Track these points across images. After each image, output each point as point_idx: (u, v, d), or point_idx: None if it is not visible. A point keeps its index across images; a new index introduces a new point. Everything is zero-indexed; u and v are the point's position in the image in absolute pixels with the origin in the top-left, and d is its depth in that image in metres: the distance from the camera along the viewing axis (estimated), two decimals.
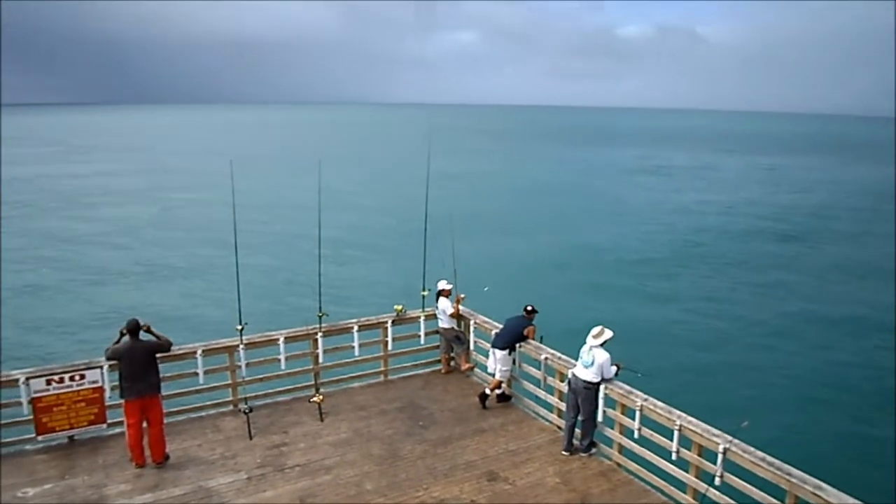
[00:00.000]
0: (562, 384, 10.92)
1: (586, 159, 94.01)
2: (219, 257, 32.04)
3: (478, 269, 26.24)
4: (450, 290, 13.13)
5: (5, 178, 62.44)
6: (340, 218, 41.44)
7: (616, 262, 34.49)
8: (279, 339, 11.90)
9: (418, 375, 13.54)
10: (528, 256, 35.02)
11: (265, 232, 38.82)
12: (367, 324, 12.92)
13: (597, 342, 10.09)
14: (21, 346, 21.80)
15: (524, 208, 50.37)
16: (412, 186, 43.14)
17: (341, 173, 65.60)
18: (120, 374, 9.91)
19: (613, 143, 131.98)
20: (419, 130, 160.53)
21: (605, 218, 46.75)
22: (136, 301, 26.93)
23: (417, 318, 13.29)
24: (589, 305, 25.29)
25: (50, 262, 33.34)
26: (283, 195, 53.42)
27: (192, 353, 11.26)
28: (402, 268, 28.47)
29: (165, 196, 55.98)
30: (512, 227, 42.63)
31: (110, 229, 42.05)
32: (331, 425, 11.28)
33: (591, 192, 59.91)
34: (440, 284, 13.18)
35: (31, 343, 22.29)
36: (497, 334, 12.15)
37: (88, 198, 54.54)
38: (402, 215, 41.25)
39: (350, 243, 36.50)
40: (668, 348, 22.32)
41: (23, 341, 22.40)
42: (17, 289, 28.61)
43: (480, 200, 52.10)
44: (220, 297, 25.42)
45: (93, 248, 36.70)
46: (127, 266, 33.00)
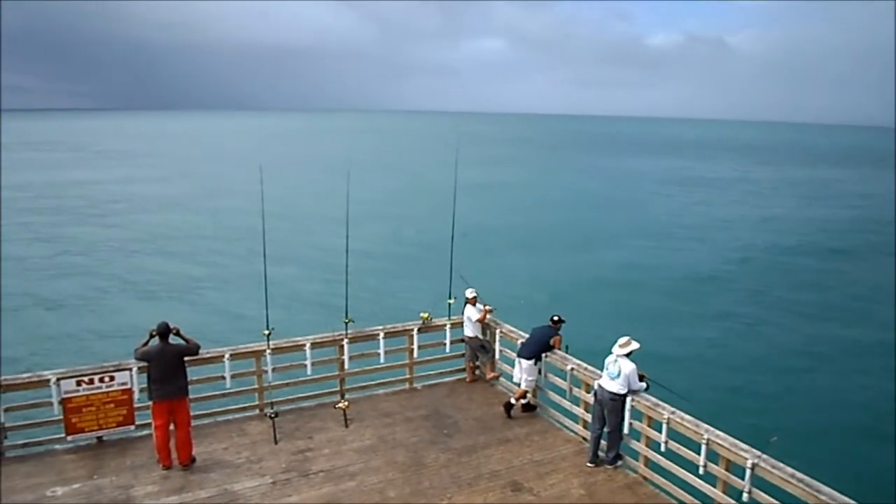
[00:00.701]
0: (588, 395, 10.85)
1: (616, 169, 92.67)
2: (247, 263, 32.29)
3: (504, 279, 26.24)
4: (476, 297, 13.12)
5: (34, 184, 63.57)
6: (367, 225, 41.55)
7: (645, 273, 34.06)
8: (305, 344, 11.96)
9: (443, 383, 13.53)
10: (555, 266, 34.81)
11: (292, 238, 39.05)
12: (393, 331, 12.94)
13: (623, 352, 10.02)
14: (52, 347, 22.14)
15: (552, 218, 49.83)
16: (439, 195, 43.06)
17: (368, 181, 65.82)
18: (148, 377, 10.01)
19: (643, 153, 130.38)
20: (445, 138, 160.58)
21: (635, 230, 46.05)
22: (163, 305, 27.26)
23: (443, 326, 13.29)
24: (616, 316, 25.08)
25: (79, 267, 33.79)
26: (309, 202, 53.76)
27: (219, 356, 11.37)
28: (428, 276, 28.50)
29: (192, 202, 56.54)
30: (539, 237, 42.35)
31: (138, 235, 42.54)
32: (355, 432, 11.31)
33: (621, 203, 59.06)
34: (467, 292, 13.18)
35: (62, 345, 22.62)
36: (523, 344, 12.12)
37: (115, 204, 55.23)
38: (429, 223, 41.35)
39: (377, 251, 36.55)
40: (698, 363, 22.08)
41: (53, 343, 22.75)
42: (46, 292, 29.05)
43: (509, 210, 51.92)
44: (248, 302, 25.61)
45: (121, 254, 37.15)
46: (155, 270, 33.39)
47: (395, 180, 71.52)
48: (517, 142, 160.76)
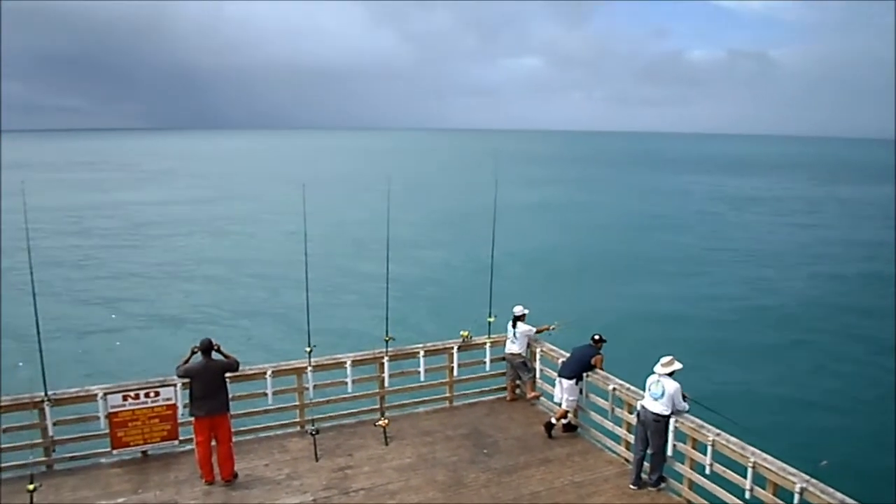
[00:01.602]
0: (630, 416, 10.70)
1: (659, 188, 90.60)
2: (289, 280, 32.64)
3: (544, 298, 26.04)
4: (525, 315, 13.06)
5: (84, 204, 65.24)
6: (408, 244, 41.73)
7: (691, 293, 33.43)
8: (346, 362, 12.01)
9: (483, 402, 13.46)
10: (597, 286, 34.38)
11: (334, 256, 39.37)
12: (433, 349, 12.94)
13: (665, 371, 9.86)
14: (99, 362, 22.60)
15: (594, 239, 49.00)
16: (479, 214, 43.12)
17: (408, 199, 66.10)
18: (191, 393, 10.16)
19: (686, 171, 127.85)
20: (484, 157, 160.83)
21: (680, 250, 45.22)
22: (205, 322, 27.64)
23: (483, 344, 13.23)
24: (658, 336, 24.65)
25: (122, 287, 34.44)
26: (351, 221, 54.09)
27: (261, 373, 11.48)
28: (468, 295, 28.47)
29: (234, 222, 57.43)
30: (581, 258, 41.79)
31: (182, 255, 43.30)
32: (395, 450, 11.30)
33: (665, 224, 57.35)
34: (516, 309, 13.12)
35: (108, 360, 23.07)
36: (564, 363, 12.01)
37: (160, 225, 56.31)
38: (469, 243, 41.38)
39: (417, 269, 36.63)
40: (745, 385, 21.63)
41: (101, 358, 23.21)
42: (92, 310, 29.69)
43: (550, 231, 51.39)
44: (290, 320, 25.84)
45: (165, 272, 37.80)
46: (199, 287, 33.93)
47: (434, 199, 71.74)
48: (556, 160, 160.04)
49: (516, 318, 13.08)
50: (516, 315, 13.09)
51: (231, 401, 10.48)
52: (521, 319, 13.06)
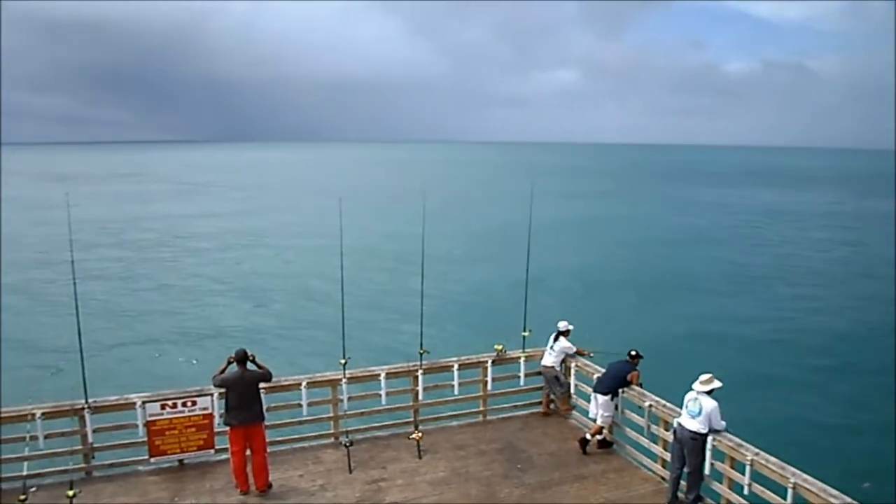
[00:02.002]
0: (667, 433, 10.55)
1: (698, 201, 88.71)
2: (324, 293, 32.88)
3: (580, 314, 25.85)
4: (569, 332, 13.00)
5: (125, 216, 66.54)
6: (443, 256, 41.81)
7: (731, 311, 32.78)
8: (380, 374, 12.05)
9: (517, 417, 13.38)
10: (633, 303, 33.94)
11: (369, 269, 39.55)
12: (467, 363, 12.92)
13: (704, 389, 9.71)
14: (138, 371, 22.97)
15: (633, 255, 48.00)
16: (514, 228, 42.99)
17: (443, 212, 66.27)
18: (226, 402, 10.27)
19: (724, 184, 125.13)
20: (520, 169, 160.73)
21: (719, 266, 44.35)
22: (243, 332, 27.98)
23: (518, 358, 13.16)
24: (695, 352, 24.39)
25: (163, 296, 35.06)
26: (386, 233, 54.36)
27: (297, 384, 11.56)
28: (502, 308, 28.40)
29: (271, 232, 58.12)
30: (618, 274, 41.26)
31: (220, 267, 43.95)
32: (429, 463, 11.28)
33: (706, 239, 55.92)
34: (561, 324, 13.06)
35: (147, 369, 23.45)
36: (599, 378, 11.91)
37: (199, 239, 57.21)
38: (504, 257, 41.25)
39: (451, 282, 36.65)
40: (785, 403, 21.20)
41: (139, 368, 23.59)
42: (132, 320, 30.23)
43: (587, 246, 50.90)
44: (325, 332, 25.98)
45: (203, 281, 38.40)
46: (235, 299, 34.36)
47: (469, 213, 71.68)
48: (591, 173, 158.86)
49: (559, 333, 13.01)
50: (560, 330, 13.02)
51: (266, 411, 10.58)
52: (565, 335, 12.99)
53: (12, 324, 28.50)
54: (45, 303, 32.03)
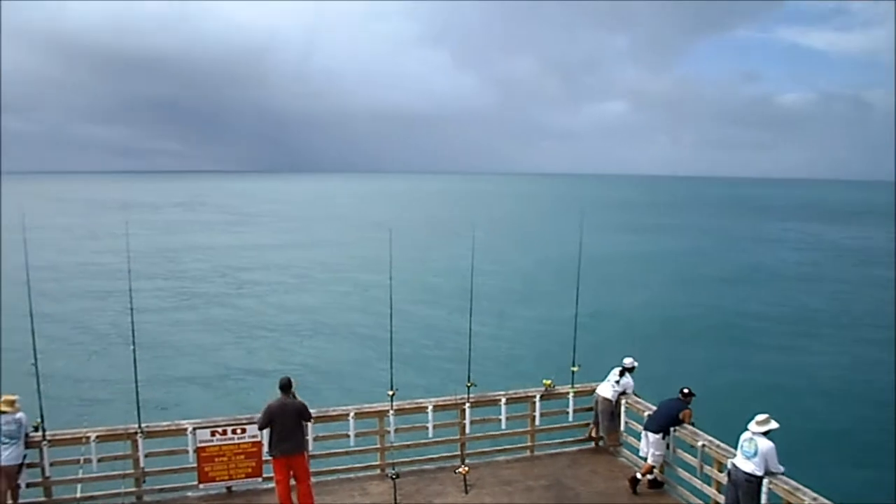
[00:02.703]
0: (720, 474, 10.24)
1: (753, 234, 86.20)
2: (373, 323, 32.99)
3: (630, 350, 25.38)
4: (634, 368, 12.86)
5: (178, 246, 68.05)
6: (492, 289, 41.65)
7: (790, 351, 31.59)
8: (428, 406, 12.01)
9: (565, 453, 13.15)
10: (683, 335, 33.34)
11: (418, 300, 39.60)
12: (515, 397, 12.79)
13: (760, 430, 9.42)
14: (189, 398, 23.33)
15: (686, 292, 46.95)
16: (564, 261, 42.58)
17: (493, 244, 66.25)
18: (270, 433, 10.34)
19: (783, 217, 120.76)
20: (569, 201, 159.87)
21: (779, 306, 42.69)
22: (292, 361, 28.24)
23: (566, 393, 12.99)
24: (751, 391, 23.66)
25: (214, 325, 35.62)
26: (436, 264, 54.48)
27: (345, 415, 11.59)
28: (551, 342, 28.10)
29: (321, 263, 58.78)
30: (668, 306, 40.54)
31: (272, 293, 44.59)
32: (475, 498, 11.14)
33: (765, 277, 54.01)
34: (627, 361, 12.91)
35: (197, 396, 23.80)
36: (650, 416, 11.67)
37: (251, 264, 58.21)
38: (554, 290, 41.01)
39: (500, 316, 36.42)
40: (845, 447, 20.41)
41: (191, 394, 23.97)
42: (184, 348, 30.77)
43: (637, 279, 50.12)
44: (373, 363, 26.04)
45: (253, 312, 38.91)
46: (285, 328, 34.70)
47: (518, 245, 71.40)
48: (642, 206, 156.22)
49: (625, 369, 12.87)
50: (626, 366, 12.88)
51: (314, 440, 10.62)
52: (630, 372, 12.86)
53: (70, 348, 29.27)
54: (103, 329, 32.86)
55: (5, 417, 10.04)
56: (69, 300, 39.38)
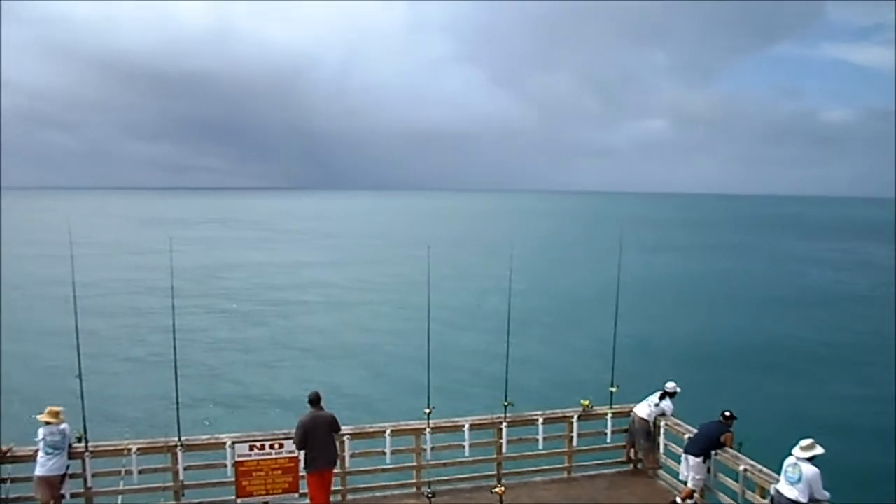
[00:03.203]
0: (763, 500, 10.01)
1: (798, 254, 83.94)
2: (410, 340, 32.96)
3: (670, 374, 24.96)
4: (676, 394, 12.73)
5: (219, 263, 68.96)
6: (529, 308, 41.35)
7: (841, 375, 30.69)
8: (465, 425, 11.96)
9: (603, 475, 12.98)
10: (726, 356, 32.60)
11: (455, 318, 39.50)
12: (553, 417, 12.67)
13: (805, 455, 9.19)
14: (229, 413, 23.55)
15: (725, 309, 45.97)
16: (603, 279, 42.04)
17: (531, 261, 65.93)
18: (305, 446, 10.45)
19: (827, 236, 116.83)
20: (607, 219, 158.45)
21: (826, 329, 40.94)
22: (330, 376, 28.35)
23: (604, 414, 12.84)
24: (795, 415, 23.07)
25: (252, 341, 35.96)
26: (473, 281, 54.35)
27: (381, 432, 11.59)
28: (589, 362, 27.87)
29: (361, 280, 59.08)
30: (710, 329, 39.57)
31: (310, 310, 44.94)
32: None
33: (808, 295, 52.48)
34: (669, 385, 12.81)
35: (237, 411, 24.00)
36: (691, 439, 11.46)
37: (291, 281, 58.79)
38: (593, 310, 40.61)
39: (538, 333, 36.18)
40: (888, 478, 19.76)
41: (231, 409, 24.18)
42: (223, 364, 31.10)
43: (678, 300, 49.23)
44: (410, 381, 25.96)
45: (290, 328, 39.20)
46: (322, 345, 34.86)
47: (557, 262, 70.98)
48: (683, 224, 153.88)
49: (665, 393, 12.75)
50: (668, 391, 12.77)
51: (351, 457, 10.64)
52: (671, 396, 12.73)
53: (112, 363, 29.79)
54: (145, 344, 33.37)
55: (49, 428, 10.29)
56: (112, 315, 40.07)
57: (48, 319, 36.44)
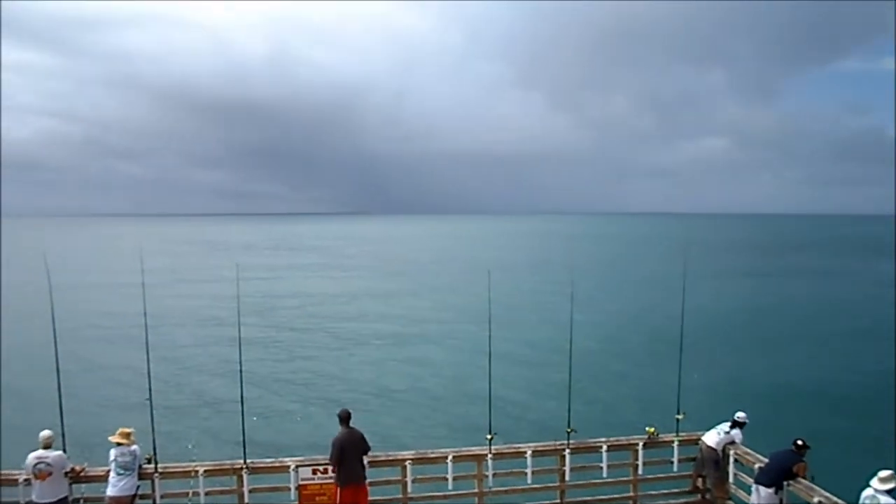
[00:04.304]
0: None
1: (882, 279, 77.72)
2: (472, 365, 32.90)
3: (737, 399, 24.22)
4: (746, 424, 12.44)
5: (287, 288, 69.99)
6: (590, 331, 40.86)
7: None
8: (527, 451, 11.83)
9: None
10: (799, 381, 31.46)
11: (517, 342, 39.24)
12: (617, 444, 12.44)
13: (883, 487, 8.81)
14: (293, 437, 23.79)
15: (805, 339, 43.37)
16: (667, 301, 41.07)
17: (593, 284, 65.10)
18: (338, 462, 10.68)
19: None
20: (669, 241, 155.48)
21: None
22: (389, 401, 28.46)
23: (671, 442, 12.54)
24: (873, 445, 22.08)
25: (314, 364, 36.38)
26: (533, 306, 53.98)
27: (443, 457, 11.56)
28: (653, 388, 27.25)
29: (422, 303, 59.34)
30: (782, 355, 38.22)
31: (373, 333, 45.24)
32: None
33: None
34: (740, 415, 12.50)
35: (300, 436, 24.23)
36: (762, 469, 11.10)
37: (354, 307, 59.40)
38: (656, 335, 39.84)
39: (601, 357, 35.61)
40: None
41: (295, 433, 24.43)
42: (287, 387, 31.51)
43: (747, 324, 47.60)
44: (472, 405, 25.82)
45: (354, 352, 39.45)
46: (385, 369, 35.00)
47: (619, 285, 69.90)
48: (750, 246, 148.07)
49: (735, 423, 12.46)
50: (738, 420, 12.46)
51: (413, 482, 10.67)
52: (740, 427, 12.42)
53: (180, 386, 30.53)
54: (211, 368, 34.11)
55: (121, 449, 10.64)
56: (180, 339, 41.07)
57: (124, 345, 37.49)
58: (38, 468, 10.24)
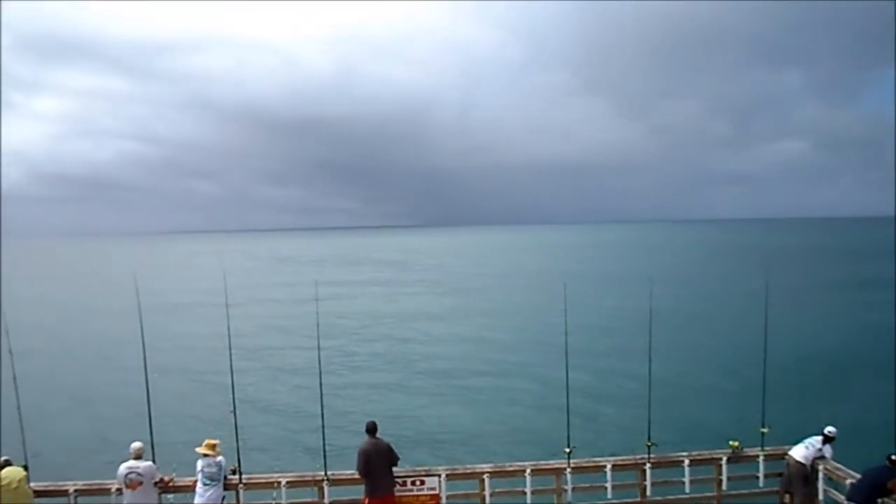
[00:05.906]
0: None
1: None
2: (548, 378, 32.64)
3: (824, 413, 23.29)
4: (835, 438, 12.03)
5: (363, 305, 70.66)
6: (672, 342, 39.96)
7: None
8: (606, 465, 11.68)
9: None
10: (891, 391, 30.07)
11: (595, 352, 38.74)
12: (699, 458, 12.14)
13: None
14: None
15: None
16: (747, 315, 39.70)
17: (672, 294, 63.64)
18: (366, 473, 10.76)
19: None
20: (748, 249, 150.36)
21: None
22: (466, 414, 28.50)
23: (756, 457, 12.16)
24: None
25: (392, 378, 36.70)
26: (611, 317, 53.19)
27: (521, 471, 11.53)
28: (736, 400, 26.47)
29: (497, 314, 59.17)
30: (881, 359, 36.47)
31: (451, 346, 45.44)
32: None
33: None
34: (830, 430, 12.09)
35: None
36: (854, 485, 10.64)
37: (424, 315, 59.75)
38: (740, 345, 38.72)
39: (681, 368, 34.75)
40: None
41: None
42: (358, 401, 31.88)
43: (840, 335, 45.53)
44: (551, 418, 25.57)
45: (429, 366, 39.63)
46: (458, 383, 35.03)
47: (700, 295, 68.03)
48: (840, 252, 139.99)
49: (826, 437, 12.05)
50: (827, 434, 12.06)
51: (491, 496, 10.66)
52: (830, 441, 12.02)
53: (262, 399, 31.32)
54: (291, 382, 34.89)
55: (207, 460, 11.01)
56: (262, 356, 42.13)
57: (209, 359, 38.66)
58: (129, 478, 10.71)
